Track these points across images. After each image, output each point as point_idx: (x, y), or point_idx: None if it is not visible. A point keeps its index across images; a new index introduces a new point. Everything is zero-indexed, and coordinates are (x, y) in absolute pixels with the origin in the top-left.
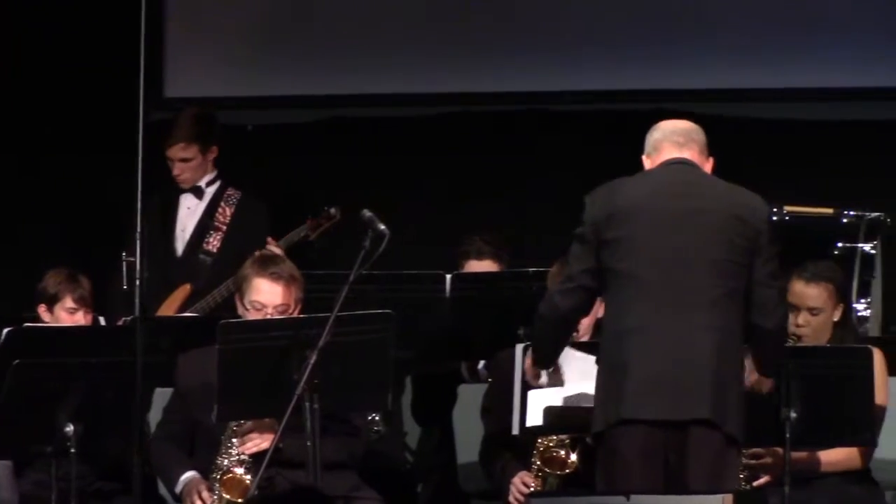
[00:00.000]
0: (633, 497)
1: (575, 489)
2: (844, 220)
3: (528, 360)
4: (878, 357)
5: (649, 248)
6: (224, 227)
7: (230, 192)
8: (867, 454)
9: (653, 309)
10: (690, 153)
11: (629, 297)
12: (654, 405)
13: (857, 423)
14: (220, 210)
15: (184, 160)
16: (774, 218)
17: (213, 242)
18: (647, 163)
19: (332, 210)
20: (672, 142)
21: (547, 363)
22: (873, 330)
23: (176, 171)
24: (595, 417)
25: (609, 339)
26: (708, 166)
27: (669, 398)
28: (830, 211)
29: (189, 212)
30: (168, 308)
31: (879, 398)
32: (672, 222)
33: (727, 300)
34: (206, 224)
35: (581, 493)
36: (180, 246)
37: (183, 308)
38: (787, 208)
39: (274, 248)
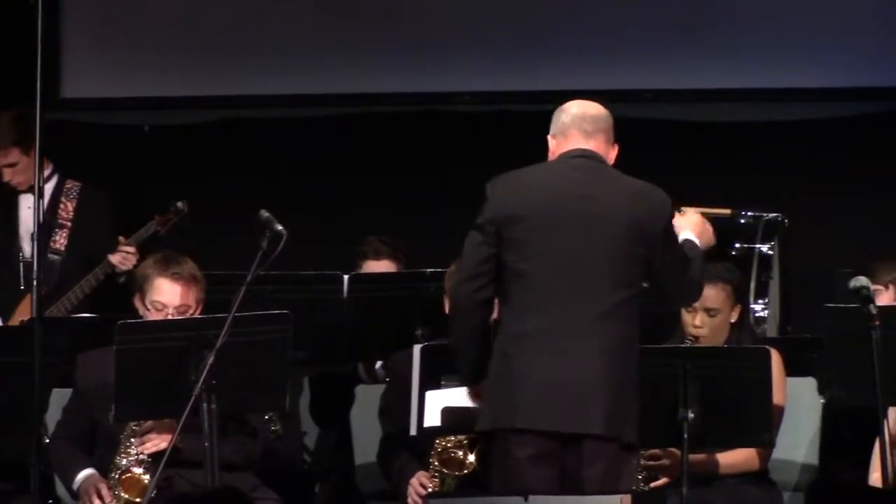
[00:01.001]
0: (532, 498)
1: (473, 489)
2: (742, 221)
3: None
4: (775, 358)
5: (549, 250)
6: (68, 224)
7: (69, 184)
8: (765, 455)
9: (550, 313)
10: (596, 143)
11: (527, 299)
12: (547, 416)
13: (755, 424)
14: (61, 206)
15: (9, 165)
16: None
17: (60, 241)
18: (553, 144)
19: (180, 204)
20: (580, 129)
21: (475, 372)
22: (771, 331)
23: (6, 178)
24: (484, 415)
25: (504, 341)
26: (613, 153)
27: (563, 409)
28: (728, 211)
29: (31, 211)
30: (21, 315)
31: (777, 399)
32: (573, 226)
33: (626, 305)
34: (49, 223)
35: (479, 493)
36: (28, 247)
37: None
38: (683, 209)
39: (126, 248)
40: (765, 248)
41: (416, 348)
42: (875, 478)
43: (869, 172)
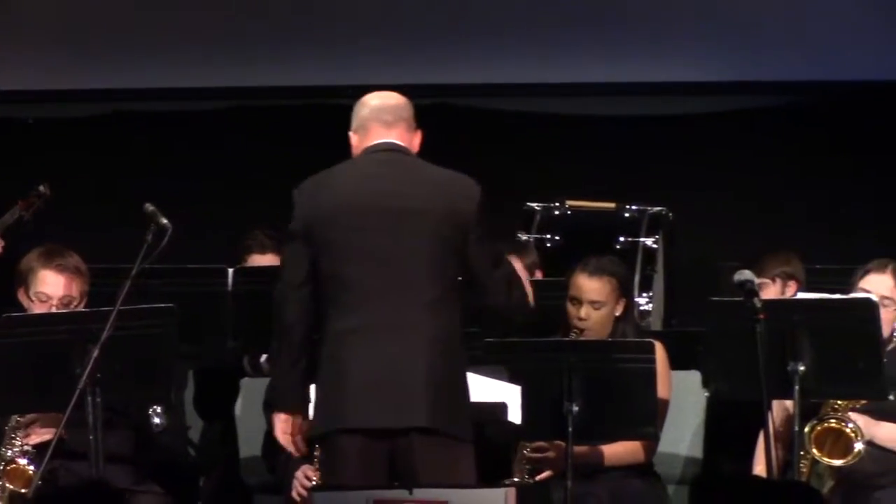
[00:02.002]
0: (416, 490)
1: (357, 483)
2: (626, 215)
3: (280, 422)
4: (659, 351)
5: (364, 250)
6: None
7: None
8: (650, 448)
9: (370, 312)
10: (398, 133)
11: (347, 299)
12: (373, 414)
13: (640, 417)
14: None
15: None
16: (556, 213)
17: None
18: (354, 139)
19: (41, 188)
20: (380, 121)
21: (290, 401)
22: (655, 324)
23: None
24: (315, 419)
25: (328, 342)
26: (416, 140)
27: (389, 406)
28: (612, 205)
29: None
30: None
31: (661, 392)
32: (385, 222)
33: (445, 298)
34: None
35: (362, 486)
36: None
37: None
38: (568, 203)
39: None
40: (649, 241)
41: None
42: (759, 470)
43: (753, 166)
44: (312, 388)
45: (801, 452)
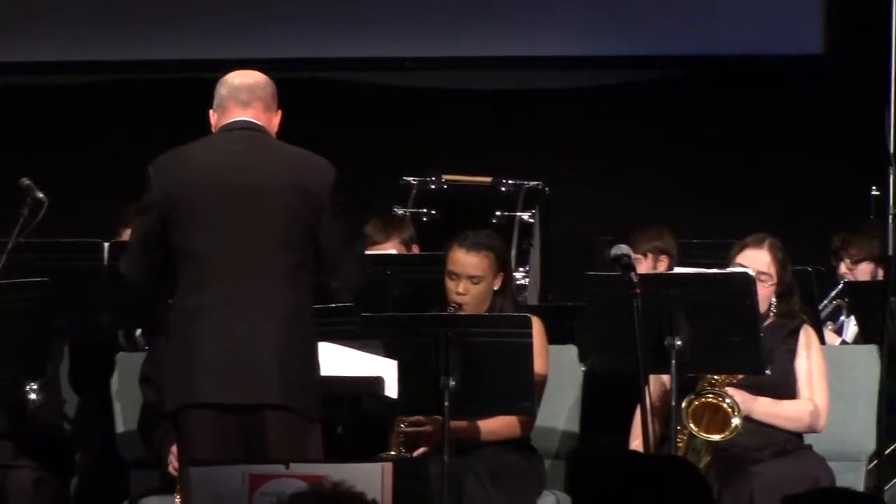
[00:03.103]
0: (292, 465)
1: (236, 457)
2: (503, 189)
3: None
4: (536, 325)
5: (215, 225)
6: None
7: None
8: (527, 422)
9: (220, 287)
10: (255, 112)
11: (197, 275)
12: (224, 389)
13: (517, 391)
14: None
15: None
16: (433, 187)
17: None
18: (213, 117)
19: None
20: (237, 100)
21: None
22: (532, 298)
23: None
24: (167, 397)
25: (178, 318)
26: (276, 120)
27: (240, 381)
28: (489, 180)
29: None
30: None
31: (538, 367)
32: (236, 198)
33: (295, 274)
34: None
35: (239, 460)
36: None
37: None
38: (445, 177)
39: None
40: (526, 216)
41: None
42: (636, 445)
43: (628, 140)
44: None
45: (678, 427)
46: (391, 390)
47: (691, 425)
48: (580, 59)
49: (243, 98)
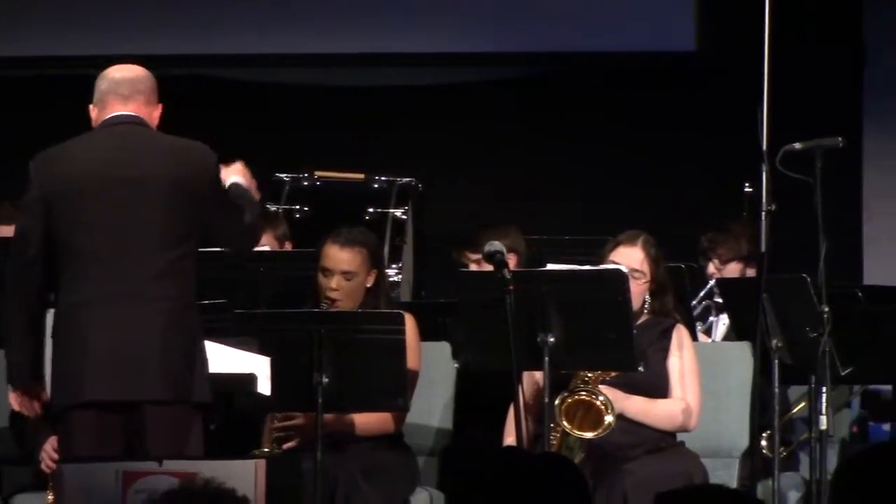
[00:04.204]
0: (165, 462)
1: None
2: (376, 186)
3: (15, 397)
4: (409, 322)
5: (96, 221)
6: None
7: None
8: (399, 419)
9: (103, 283)
10: (136, 106)
11: (79, 271)
12: (107, 387)
13: (390, 387)
14: None
15: None
16: (305, 184)
17: None
18: (94, 112)
19: None
20: (117, 94)
21: (26, 377)
22: (405, 295)
23: None
24: (53, 396)
25: (62, 315)
26: (156, 113)
27: (123, 378)
28: (362, 176)
29: None
30: None
31: (411, 363)
32: (118, 193)
33: (178, 268)
34: None
35: (111, 458)
36: None
37: None
38: (318, 174)
39: None
40: (398, 212)
41: (51, 312)
42: (509, 442)
43: (501, 138)
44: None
45: (552, 424)
46: (264, 387)
47: (564, 423)
48: (452, 55)
49: (124, 92)
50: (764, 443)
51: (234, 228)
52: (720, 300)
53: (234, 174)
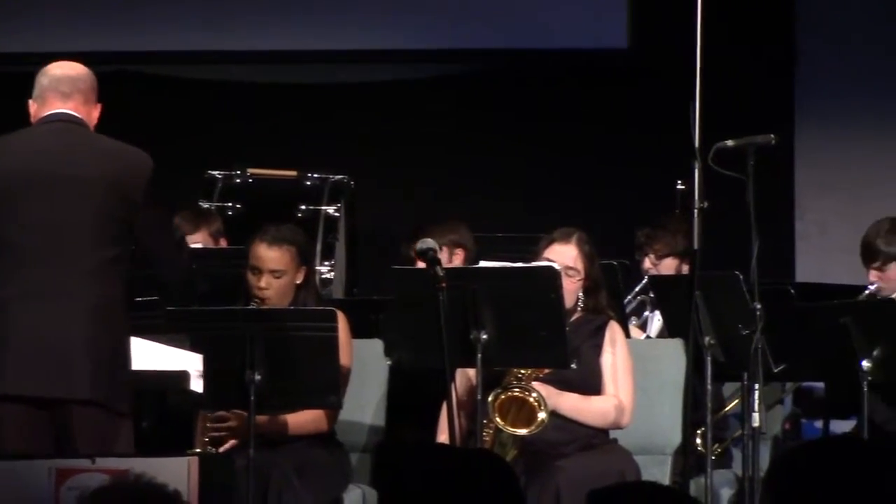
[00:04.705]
0: (98, 460)
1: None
2: (308, 183)
3: None
4: (341, 319)
5: (29, 216)
6: None
7: None
8: (332, 417)
9: (32, 279)
10: (75, 104)
11: (9, 265)
12: (33, 382)
13: (322, 385)
14: None
15: None
16: (238, 181)
17: None
18: (33, 108)
19: None
20: (57, 92)
21: None
22: (337, 292)
23: None
24: None
25: None
26: (95, 113)
27: (49, 375)
28: (294, 174)
29: None
30: None
31: (343, 361)
32: (51, 189)
33: (108, 267)
34: None
35: (45, 455)
36: None
37: None
38: (250, 171)
39: None
40: (331, 209)
41: None
42: (442, 439)
43: (433, 135)
44: None
45: (485, 421)
46: (196, 385)
47: (497, 419)
48: (384, 52)
49: (64, 90)
50: (698, 440)
51: (163, 242)
52: None
53: None
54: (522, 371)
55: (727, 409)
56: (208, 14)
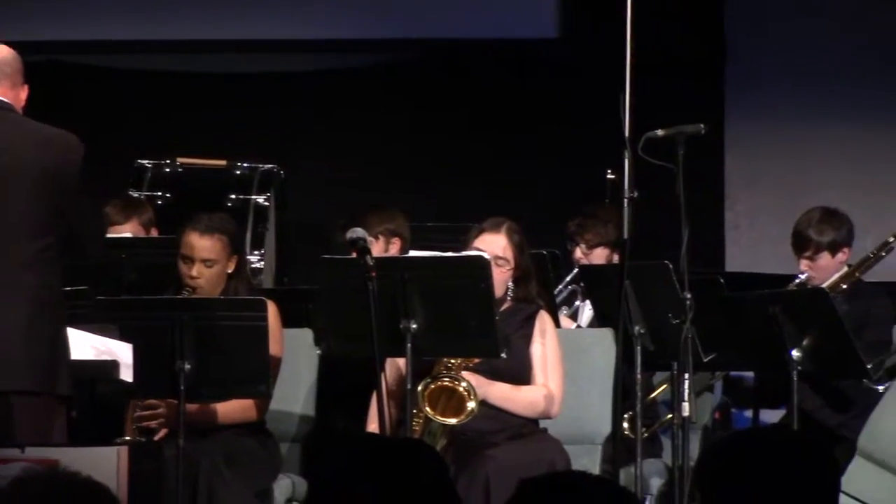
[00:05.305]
0: (27, 449)
1: None
2: (238, 173)
3: None
4: (271, 309)
5: None
6: None
7: None
8: (262, 406)
9: None
10: (3, 89)
11: None
12: None
13: (252, 375)
14: None
15: None
16: (168, 170)
17: None
18: None
19: None
20: None
21: None
22: (267, 281)
23: None
24: None
25: None
26: (23, 95)
27: None
28: (223, 163)
29: None
30: None
31: (274, 350)
32: None
33: (45, 257)
34: None
35: None
36: None
37: None
38: (180, 160)
39: None
40: (261, 199)
41: None
42: (372, 428)
43: (362, 125)
44: None
45: (415, 411)
46: (126, 374)
47: (427, 409)
48: (313, 42)
49: None
50: (626, 424)
51: (86, 228)
52: None
53: None
54: (452, 360)
55: (655, 393)
56: (138, 4)
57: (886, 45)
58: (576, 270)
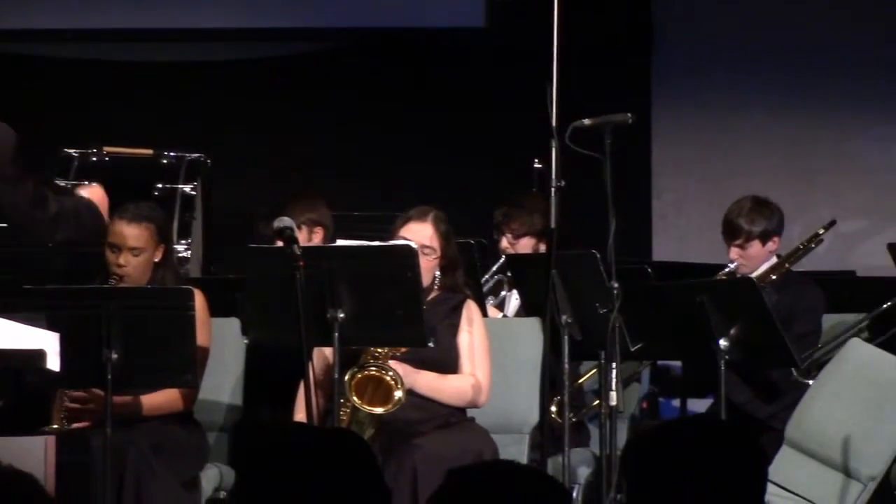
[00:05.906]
0: None
1: None
2: (164, 162)
3: None
4: (198, 298)
5: None
6: None
7: None
8: (190, 396)
9: None
10: None
11: None
12: None
13: (179, 364)
14: None
15: None
16: (94, 159)
17: None
18: None
19: None
20: None
21: None
22: (194, 271)
23: None
24: None
25: None
26: None
27: None
28: (150, 152)
29: None
30: None
31: (201, 340)
32: None
33: None
34: None
35: None
36: None
37: None
38: (106, 149)
39: None
40: (187, 188)
41: None
42: (300, 418)
43: (289, 114)
44: None
45: (342, 400)
46: (53, 363)
47: (354, 398)
48: (243, 31)
49: None
50: (554, 408)
51: (21, 212)
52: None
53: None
54: (379, 350)
55: (582, 379)
56: None
57: (811, 33)
58: (502, 260)
